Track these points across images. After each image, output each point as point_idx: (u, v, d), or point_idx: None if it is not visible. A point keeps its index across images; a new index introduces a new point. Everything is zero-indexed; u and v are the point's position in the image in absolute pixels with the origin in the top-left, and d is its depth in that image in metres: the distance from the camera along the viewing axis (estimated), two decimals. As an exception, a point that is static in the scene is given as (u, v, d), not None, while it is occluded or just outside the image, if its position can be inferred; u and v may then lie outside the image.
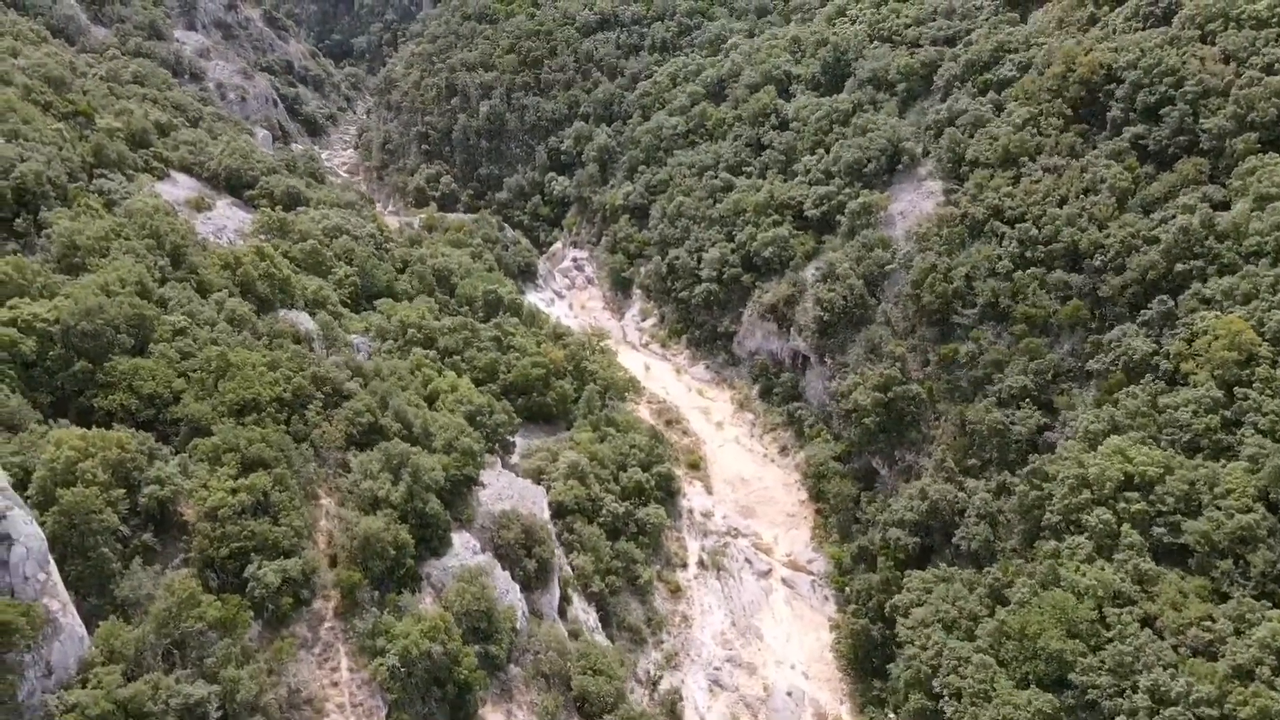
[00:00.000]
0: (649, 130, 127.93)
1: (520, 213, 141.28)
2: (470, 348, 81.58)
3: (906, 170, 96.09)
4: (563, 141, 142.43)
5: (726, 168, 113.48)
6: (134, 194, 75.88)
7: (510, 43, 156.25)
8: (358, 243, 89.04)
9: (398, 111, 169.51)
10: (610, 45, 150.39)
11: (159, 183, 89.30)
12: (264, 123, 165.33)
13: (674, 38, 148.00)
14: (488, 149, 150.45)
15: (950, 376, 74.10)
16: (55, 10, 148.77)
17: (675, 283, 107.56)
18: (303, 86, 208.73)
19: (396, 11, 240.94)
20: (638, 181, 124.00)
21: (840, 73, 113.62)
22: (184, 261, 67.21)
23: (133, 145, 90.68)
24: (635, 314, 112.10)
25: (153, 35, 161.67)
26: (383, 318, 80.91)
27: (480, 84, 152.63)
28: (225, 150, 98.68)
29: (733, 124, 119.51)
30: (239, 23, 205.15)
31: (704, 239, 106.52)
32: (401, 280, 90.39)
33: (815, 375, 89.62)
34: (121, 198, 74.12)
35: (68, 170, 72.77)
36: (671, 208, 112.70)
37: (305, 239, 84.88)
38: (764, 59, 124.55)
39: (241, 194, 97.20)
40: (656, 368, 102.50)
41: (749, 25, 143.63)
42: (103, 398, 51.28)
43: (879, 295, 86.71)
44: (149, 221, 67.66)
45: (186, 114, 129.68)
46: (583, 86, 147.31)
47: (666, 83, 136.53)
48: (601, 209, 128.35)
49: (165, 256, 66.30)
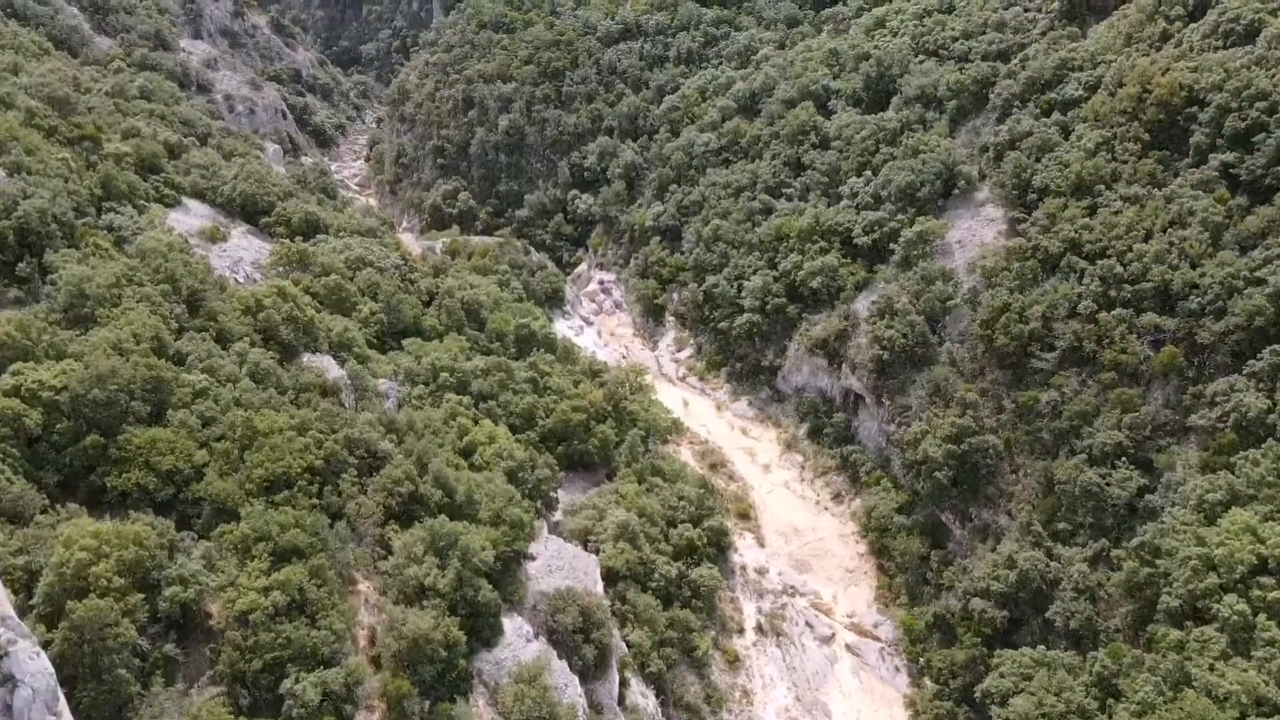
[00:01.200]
0: (679, 147, 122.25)
1: (542, 231, 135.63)
2: (505, 391, 75.97)
3: (963, 195, 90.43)
4: (586, 157, 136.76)
5: (765, 189, 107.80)
6: (146, 229, 70.30)
7: (529, 53, 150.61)
8: (382, 275, 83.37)
9: (411, 124, 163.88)
10: (634, 56, 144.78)
11: (171, 212, 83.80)
12: (273, 135, 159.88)
13: (700, 48, 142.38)
14: (507, 164, 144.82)
15: (1030, 427, 68.42)
16: (58, 21, 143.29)
17: (713, 312, 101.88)
18: (311, 95, 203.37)
19: (406, 18, 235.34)
20: (668, 201, 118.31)
21: (884, 88, 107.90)
22: (202, 307, 61.59)
23: (142, 171, 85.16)
24: (670, 343, 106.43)
25: (158, 45, 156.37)
26: (412, 359, 75.28)
27: (498, 96, 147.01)
28: (239, 174, 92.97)
29: (769, 141, 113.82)
30: (246, 30, 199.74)
31: (744, 266, 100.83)
32: (429, 315, 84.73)
33: (870, 416, 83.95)
34: (133, 234, 68.53)
35: (75, 205, 67.24)
36: (707, 231, 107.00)
37: (327, 273, 79.25)
38: (800, 73, 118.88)
39: (257, 221, 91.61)
40: (695, 403, 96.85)
41: (779, 36, 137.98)
42: (116, 476, 45.69)
43: (941, 332, 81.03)
44: (163, 263, 62.03)
45: (195, 130, 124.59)
46: (605, 99, 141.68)
47: (695, 97, 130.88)
48: (629, 229, 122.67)
49: (181, 303, 60.73)
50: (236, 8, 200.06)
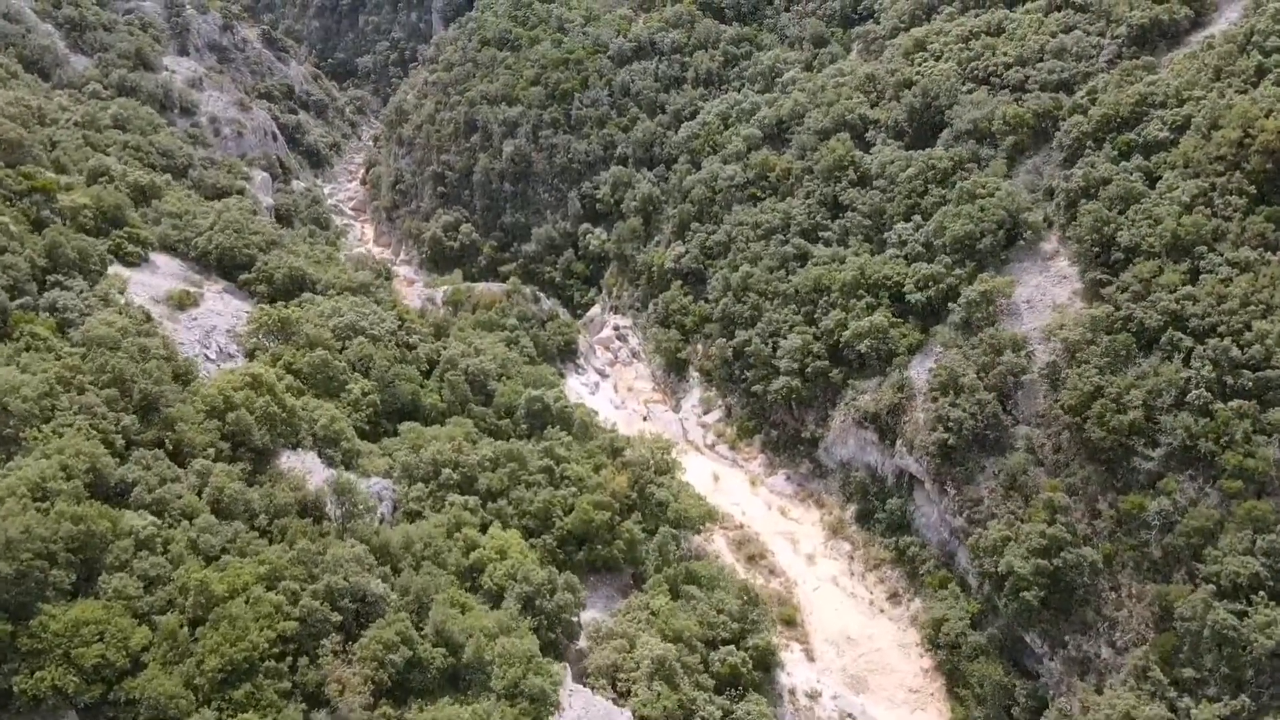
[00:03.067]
0: (701, 180, 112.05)
1: (551, 269, 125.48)
2: (518, 485, 65.94)
3: (1029, 247, 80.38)
4: (598, 187, 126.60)
5: (799, 231, 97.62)
6: (96, 307, 60.11)
7: (535, 73, 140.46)
8: (376, 346, 73.31)
9: (410, 147, 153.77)
10: (648, 77, 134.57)
11: (135, 272, 73.76)
12: (262, 160, 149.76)
13: (720, 69, 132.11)
14: (512, 193, 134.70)
15: (1134, 540, 58.31)
16: (29, 40, 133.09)
17: (745, 371, 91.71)
18: (304, 113, 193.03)
19: (405, 30, 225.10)
20: (690, 241, 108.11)
21: (930, 120, 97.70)
22: (157, 415, 51.42)
23: (104, 224, 75.10)
24: (695, 404, 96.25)
25: (139, 65, 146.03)
26: (409, 451, 65.13)
27: (503, 120, 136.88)
28: (216, 224, 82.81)
29: (801, 177, 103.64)
30: (235, 45, 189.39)
31: (779, 321, 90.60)
32: (429, 390, 74.69)
33: (930, 503, 73.86)
34: (81, 314, 58.35)
35: (11, 282, 57.11)
36: (736, 279, 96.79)
37: (313, 346, 69.14)
38: (833, 99, 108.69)
39: (236, 277, 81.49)
40: (727, 477, 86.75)
41: (805, 56, 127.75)
42: (27, 676, 35.55)
43: (1014, 410, 70.94)
44: (110, 359, 51.79)
45: (175, 162, 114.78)
46: (618, 124, 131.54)
47: (717, 124, 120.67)
48: (646, 270, 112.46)
49: (132, 411, 50.53)
50: (225, 21, 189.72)
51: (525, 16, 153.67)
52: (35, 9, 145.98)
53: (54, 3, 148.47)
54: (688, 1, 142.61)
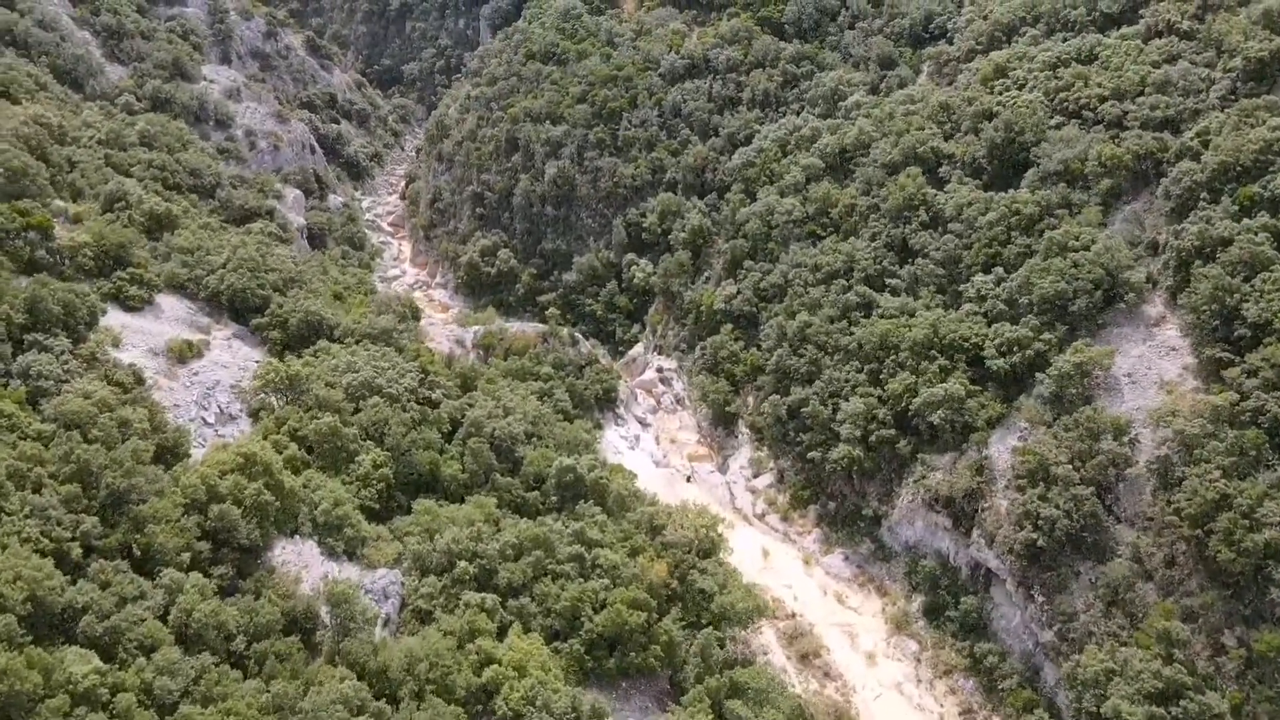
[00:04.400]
0: (756, 214, 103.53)
1: (592, 301, 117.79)
2: (543, 577, 58.33)
3: (1130, 310, 70.85)
4: (645, 215, 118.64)
5: (864, 277, 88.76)
6: (77, 372, 53.63)
7: (582, 90, 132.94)
8: (393, 407, 66.08)
9: (449, 164, 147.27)
10: (701, 97, 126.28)
11: (136, 316, 67.43)
12: (297, 175, 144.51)
13: (778, 89, 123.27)
14: (554, 218, 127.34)
15: (1273, 690, 48.86)
16: (63, 50, 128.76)
17: (801, 434, 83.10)
18: (346, 122, 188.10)
19: (452, 37, 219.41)
20: (743, 281, 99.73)
21: (1013, 157, 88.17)
22: (124, 513, 44.55)
23: (105, 266, 68.97)
24: (744, 465, 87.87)
25: (175, 75, 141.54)
26: (422, 537, 57.79)
27: (546, 139, 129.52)
28: (229, 261, 76.44)
29: (866, 215, 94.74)
30: (278, 52, 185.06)
31: (839, 380, 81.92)
32: (450, 454, 67.33)
33: (1012, 606, 64.77)
34: (58, 382, 51.84)
35: (-18, 344, 50.77)
36: (793, 328, 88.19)
37: (322, 408, 62.14)
38: (902, 129, 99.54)
39: (248, 319, 75.02)
40: (778, 552, 78.35)
41: (870, 78, 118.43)
42: None
43: (1114, 507, 61.60)
44: (75, 449, 45.07)
45: (202, 181, 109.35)
46: (668, 147, 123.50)
47: (774, 150, 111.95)
48: (694, 309, 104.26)
49: (95, 511, 43.73)
50: (269, 27, 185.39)
51: (573, 29, 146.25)
52: (74, 16, 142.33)
53: (93, 9, 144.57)
54: (745, 16, 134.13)
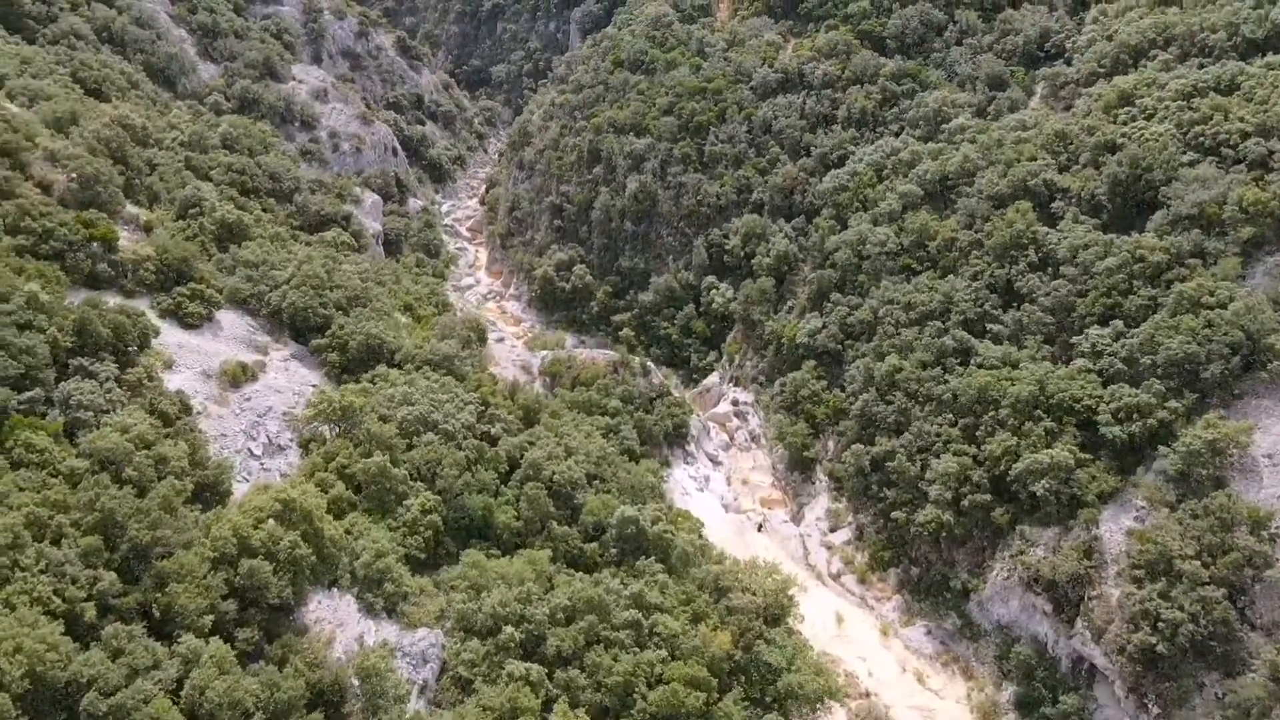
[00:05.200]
0: (846, 242, 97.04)
1: (668, 324, 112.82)
2: (595, 645, 53.62)
3: (1273, 381, 62.57)
4: (728, 236, 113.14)
5: (962, 320, 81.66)
6: (120, 401, 51.04)
7: (669, 102, 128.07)
8: (448, 445, 62.23)
9: (530, 173, 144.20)
10: (794, 113, 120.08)
11: (193, 334, 65.04)
12: (378, 178, 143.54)
13: (876, 108, 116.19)
14: (633, 234, 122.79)
15: None
16: (158, 48, 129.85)
17: (885, 489, 76.67)
18: (431, 124, 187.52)
19: (541, 40, 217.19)
20: (829, 315, 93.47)
21: (1138, 196, 79.98)
22: (147, 568, 41.40)
23: (166, 280, 66.94)
24: (820, 516, 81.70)
25: (265, 74, 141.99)
26: (469, 593, 53.67)
27: (629, 152, 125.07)
28: (294, 277, 73.88)
29: (968, 251, 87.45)
30: (369, 52, 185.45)
31: (930, 434, 75.17)
32: (505, 497, 63.16)
33: (1120, 711, 57.37)
34: (98, 413, 49.27)
35: (24, 368, 48.49)
36: (881, 371, 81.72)
37: (373, 444, 58.65)
38: (1012, 158, 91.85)
39: (309, 339, 72.34)
40: (853, 619, 72.12)
41: (978, 99, 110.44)
42: None
43: (1249, 612, 53.83)
44: (99, 496, 42.10)
45: (281, 185, 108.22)
46: (756, 165, 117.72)
47: (869, 174, 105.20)
48: (775, 341, 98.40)
49: (115, 566, 40.69)
50: (361, 27, 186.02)
51: (663, 37, 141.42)
52: (171, 14, 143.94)
53: (190, 8, 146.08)
54: (844, 29, 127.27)
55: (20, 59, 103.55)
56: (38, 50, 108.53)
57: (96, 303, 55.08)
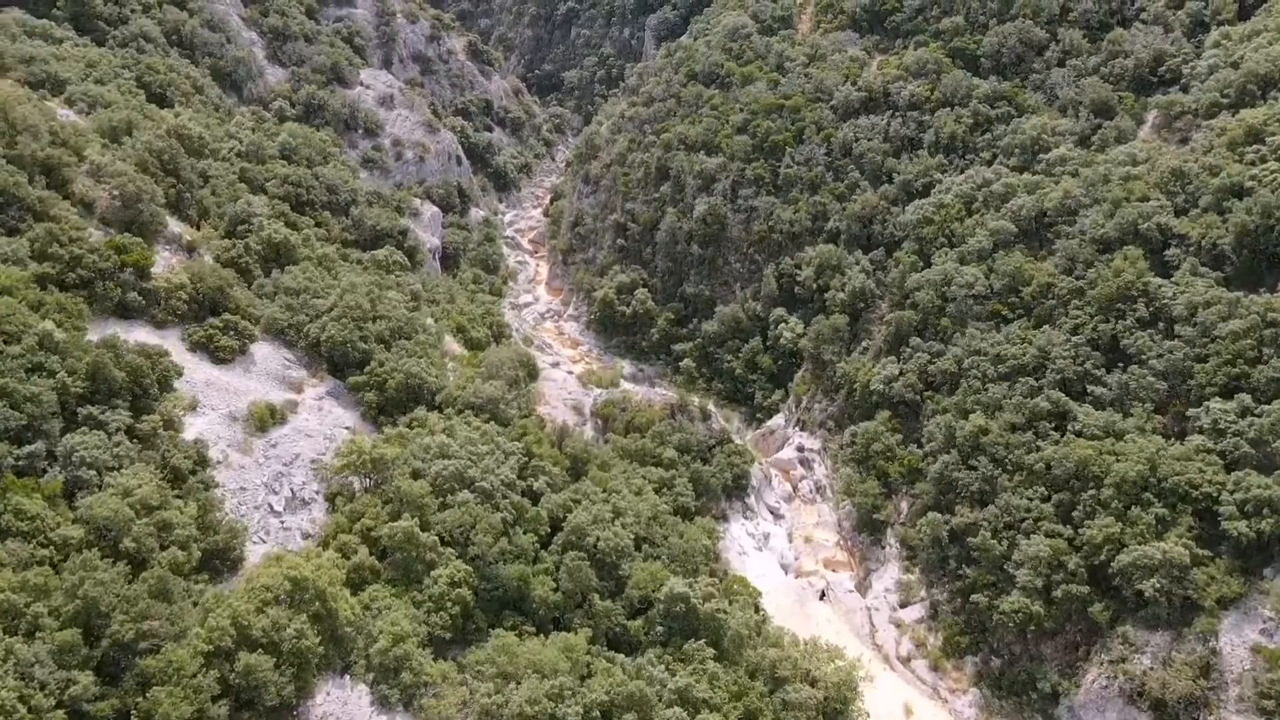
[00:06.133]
0: (930, 281, 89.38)
1: (732, 357, 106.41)
2: (632, 750, 47.70)
3: None
4: (800, 267, 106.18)
5: (1059, 380, 73.58)
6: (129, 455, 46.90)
7: (743, 119, 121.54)
8: (485, 506, 57.03)
9: (595, 187, 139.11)
10: (876, 136, 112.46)
11: (223, 369, 61.03)
12: (440, 188, 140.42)
13: (967, 133, 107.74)
14: (699, 259, 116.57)
15: None
16: (226, 51, 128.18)
17: (964, 565, 69.25)
18: (499, 130, 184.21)
19: (615, 46, 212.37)
20: (908, 361, 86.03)
21: (1270, 249, 71.05)
22: (131, 663, 36.89)
23: (199, 311, 63.16)
24: (890, 587, 74.54)
25: (332, 80, 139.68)
26: (496, 682, 48.27)
27: (699, 171, 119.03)
28: (334, 308, 69.62)
29: (1067, 299, 79.21)
30: (440, 56, 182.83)
31: (1019, 508, 67.47)
32: (544, 565, 57.69)
33: None
34: (104, 470, 45.19)
35: (27, 419, 44.63)
36: (965, 431, 74.15)
37: (401, 506, 53.75)
38: (1119, 195, 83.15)
39: (347, 374, 67.96)
40: (924, 712, 64.90)
41: (1081, 127, 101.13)
42: None
43: (1406, 767, 45.42)
44: (84, 580, 37.77)
45: (338, 197, 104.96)
46: (833, 190, 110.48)
47: (957, 206, 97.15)
48: (847, 384, 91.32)
49: (92, 664, 36.23)
50: (434, 31, 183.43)
51: (741, 49, 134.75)
52: (244, 16, 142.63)
53: (261, 10, 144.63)
54: (935, 45, 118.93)
55: (86, 62, 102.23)
56: (104, 53, 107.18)
57: (114, 343, 51.24)
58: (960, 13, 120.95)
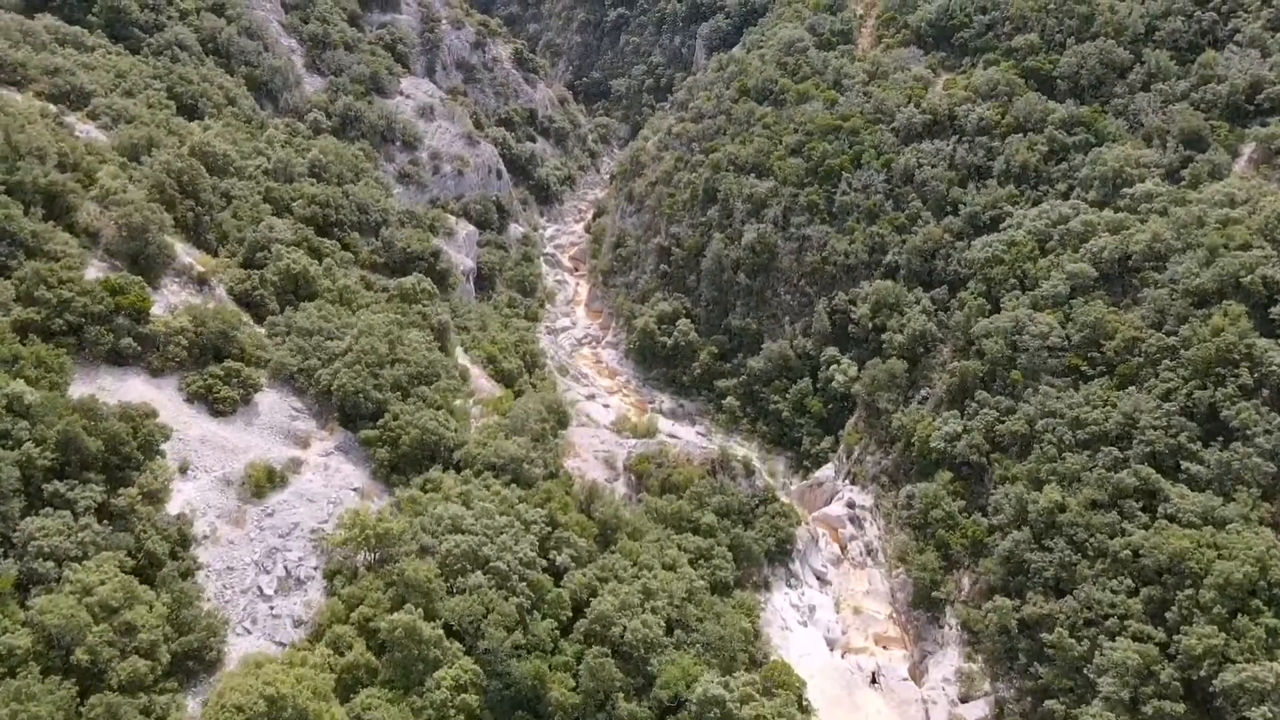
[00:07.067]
0: (999, 328, 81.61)
1: (779, 398, 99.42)
2: None
3: None
4: (855, 303, 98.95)
5: (1147, 452, 65.58)
6: (94, 543, 41.66)
7: (798, 140, 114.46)
8: (499, 591, 51.08)
9: (638, 207, 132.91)
10: (941, 162, 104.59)
11: (222, 422, 55.88)
12: (478, 203, 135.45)
13: (1041, 163, 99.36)
14: (746, 289, 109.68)
15: None
16: (263, 61, 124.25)
17: (1037, 663, 61.63)
18: (543, 140, 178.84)
19: (665, 54, 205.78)
20: (973, 417, 78.48)
21: (1398, 314, 62.46)
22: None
23: (200, 357, 58.10)
24: (949, 676, 67.08)
25: (371, 90, 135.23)
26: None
27: (749, 195, 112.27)
28: (348, 352, 64.21)
29: (1157, 359, 71.12)
30: (484, 64, 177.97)
31: (1103, 604, 59.75)
32: (562, 659, 51.55)
33: None
34: (64, 560, 40.03)
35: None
36: (1038, 507, 66.52)
37: (405, 591, 48.00)
38: (1216, 242, 74.85)
39: (359, 426, 62.49)
40: (985, 832, 57.58)
41: (1169, 160, 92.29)
42: None
43: None
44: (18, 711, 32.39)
45: (367, 218, 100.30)
46: (893, 220, 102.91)
47: (1029, 244, 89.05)
48: (904, 437, 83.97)
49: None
50: (479, 38, 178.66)
51: (796, 65, 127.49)
52: (284, 22, 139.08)
53: (302, 17, 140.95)
54: (1007, 65, 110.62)
55: (116, 73, 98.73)
56: (136, 62, 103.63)
57: (92, 406, 46.07)
58: (1035, 30, 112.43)
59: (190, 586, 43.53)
